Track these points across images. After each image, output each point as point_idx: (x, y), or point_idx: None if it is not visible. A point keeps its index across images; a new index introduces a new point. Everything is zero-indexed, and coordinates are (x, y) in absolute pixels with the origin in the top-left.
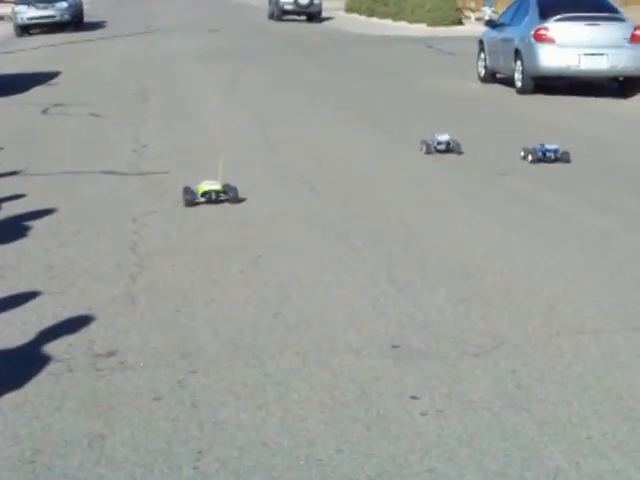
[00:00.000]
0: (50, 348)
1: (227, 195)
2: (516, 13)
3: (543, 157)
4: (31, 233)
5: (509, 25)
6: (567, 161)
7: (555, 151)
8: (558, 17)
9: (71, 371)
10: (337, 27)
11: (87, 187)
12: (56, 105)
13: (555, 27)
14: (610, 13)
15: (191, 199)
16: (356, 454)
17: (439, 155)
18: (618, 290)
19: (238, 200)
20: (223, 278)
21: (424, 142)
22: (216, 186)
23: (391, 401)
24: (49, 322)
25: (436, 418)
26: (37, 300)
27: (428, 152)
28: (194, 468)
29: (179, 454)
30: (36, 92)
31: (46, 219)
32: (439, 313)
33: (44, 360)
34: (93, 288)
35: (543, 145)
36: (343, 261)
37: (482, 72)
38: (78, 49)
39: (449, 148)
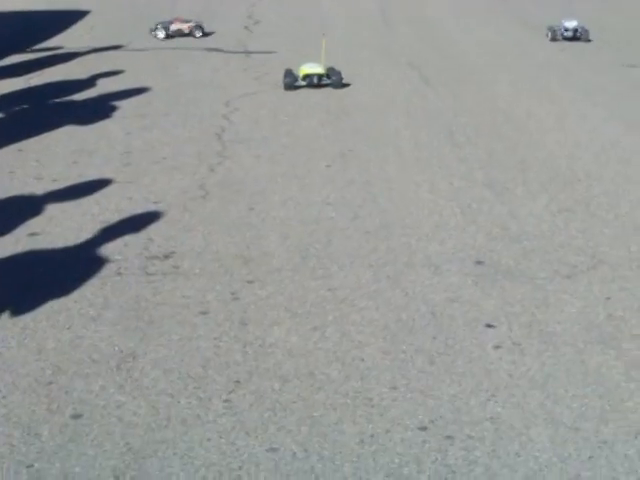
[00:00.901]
0: (104, 247)
1: (330, 79)
2: None
3: None
4: (117, 114)
5: None
6: None
7: None
8: None
9: (120, 275)
10: None
11: (188, 65)
12: None
13: None
14: None
15: (291, 82)
16: (411, 393)
17: (565, 43)
18: None
19: (341, 85)
20: (307, 173)
21: (550, 28)
22: (319, 69)
23: (463, 329)
24: (110, 216)
25: (510, 352)
26: (104, 190)
27: (554, 39)
28: (225, 401)
29: (213, 382)
30: None
31: (136, 99)
32: (535, 224)
33: (94, 260)
34: (166, 179)
35: None
36: (441, 158)
37: None
38: None
39: (576, 35)
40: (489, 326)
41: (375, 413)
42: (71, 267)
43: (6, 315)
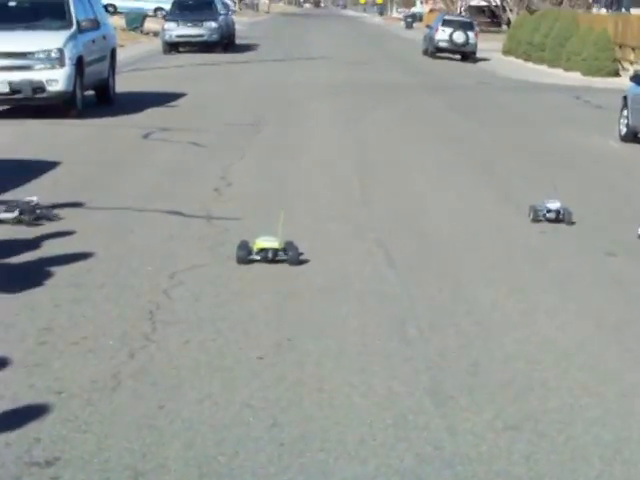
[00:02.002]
0: None
1: (286, 254)
2: None
3: None
4: (50, 282)
5: None
6: None
7: None
8: None
9: None
10: (491, 69)
11: (143, 229)
12: (162, 130)
13: None
14: None
15: (244, 256)
16: None
17: (547, 224)
18: None
19: (298, 262)
20: (235, 365)
21: (532, 208)
22: (275, 243)
23: None
24: (2, 405)
25: None
26: (6, 372)
27: (536, 220)
28: None
29: None
30: (149, 114)
31: (76, 265)
32: (474, 444)
33: None
34: (79, 364)
35: None
36: (386, 356)
37: (623, 130)
38: (217, 71)
39: (559, 217)
40: None
41: None
42: None
43: None
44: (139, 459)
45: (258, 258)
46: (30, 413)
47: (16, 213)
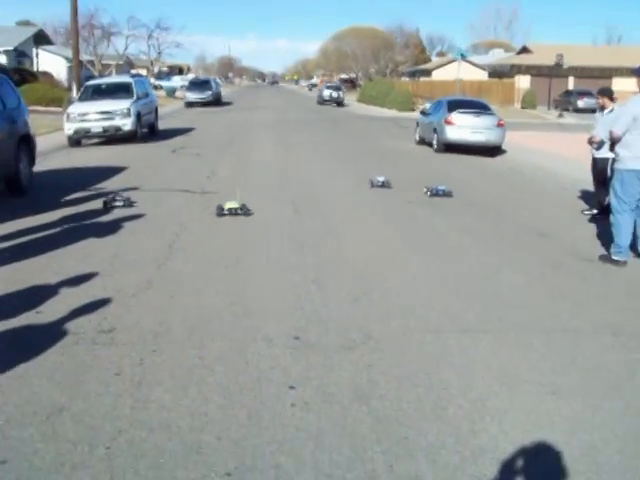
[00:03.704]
0: (76, 322)
1: (242, 211)
2: (435, 107)
3: (436, 193)
4: (119, 230)
5: (431, 114)
6: (450, 196)
7: (443, 190)
8: (458, 111)
9: (77, 344)
10: (350, 110)
11: (171, 200)
12: (181, 147)
13: (455, 116)
14: (487, 110)
15: (220, 212)
16: (227, 442)
17: (378, 189)
18: (455, 297)
19: (249, 214)
20: (211, 272)
21: (370, 180)
22: (236, 204)
23: (275, 391)
24: (88, 299)
25: (301, 410)
26: (91, 280)
27: (372, 187)
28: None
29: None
30: (175, 139)
31: (135, 220)
32: (337, 310)
33: (65, 332)
34: (130, 273)
35: (437, 186)
36: (290, 262)
37: (417, 138)
38: (211, 116)
39: (384, 184)
40: (292, 387)
41: (204, 460)
42: (47, 337)
43: None
44: (157, 326)
45: (227, 213)
46: (103, 303)
47: (112, 197)
